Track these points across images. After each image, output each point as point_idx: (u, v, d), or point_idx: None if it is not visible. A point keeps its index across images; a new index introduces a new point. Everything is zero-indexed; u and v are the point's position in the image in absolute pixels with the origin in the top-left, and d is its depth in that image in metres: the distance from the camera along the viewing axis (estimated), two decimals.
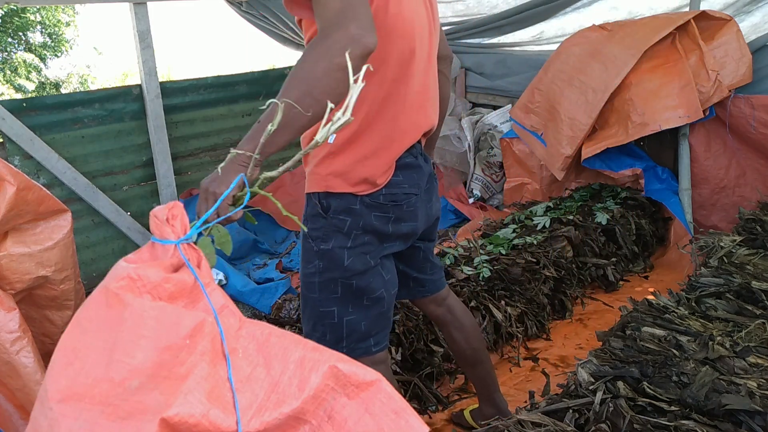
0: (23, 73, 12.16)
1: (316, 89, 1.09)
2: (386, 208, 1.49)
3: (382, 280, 1.55)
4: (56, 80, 12.70)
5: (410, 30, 1.41)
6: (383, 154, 1.45)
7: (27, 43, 12.41)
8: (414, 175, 1.52)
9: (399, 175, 1.49)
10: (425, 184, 1.59)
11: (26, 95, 11.71)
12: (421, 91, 1.48)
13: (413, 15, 1.41)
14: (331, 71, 1.08)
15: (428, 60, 1.51)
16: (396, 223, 1.52)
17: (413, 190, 1.53)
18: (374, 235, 1.50)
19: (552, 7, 3.93)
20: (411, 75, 1.44)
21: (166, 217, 0.88)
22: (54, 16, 12.73)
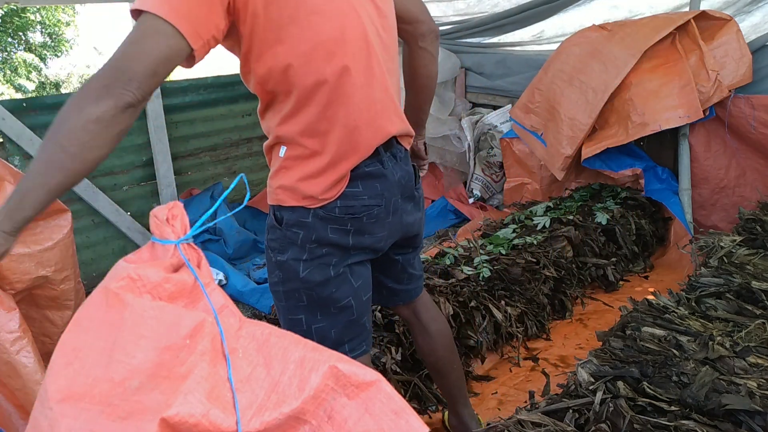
0: (23, 73, 12.16)
1: (70, 141, 1.03)
2: (343, 220, 1.40)
3: (350, 288, 1.47)
4: (56, 80, 12.71)
5: (334, 50, 1.29)
6: (330, 173, 1.37)
7: (27, 43, 12.41)
8: (377, 185, 1.42)
9: (358, 186, 1.40)
10: (396, 193, 1.47)
11: (26, 95, 11.71)
12: (367, 105, 1.36)
13: (337, 33, 1.29)
14: (85, 122, 1.03)
15: (372, 70, 1.37)
16: (357, 235, 1.43)
17: (375, 201, 1.42)
18: (333, 247, 1.42)
19: (553, 6, 3.93)
20: (349, 93, 1.33)
21: (166, 217, 0.88)
22: (54, 16, 12.74)
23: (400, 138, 1.50)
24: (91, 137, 1.03)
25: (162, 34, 1.07)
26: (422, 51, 1.60)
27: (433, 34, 1.60)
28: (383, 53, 1.40)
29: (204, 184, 4.29)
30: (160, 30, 1.06)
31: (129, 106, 1.05)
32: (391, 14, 1.45)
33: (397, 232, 1.54)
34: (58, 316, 1.81)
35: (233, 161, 4.43)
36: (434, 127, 4.47)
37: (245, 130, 4.43)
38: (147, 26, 1.07)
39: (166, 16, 1.06)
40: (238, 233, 4.00)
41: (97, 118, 1.03)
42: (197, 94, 4.10)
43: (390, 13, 1.45)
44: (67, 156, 1.03)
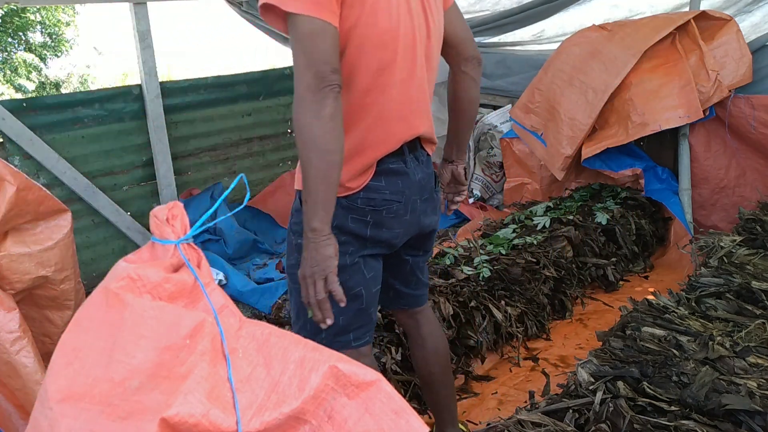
0: (23, 73, 12.15)
1: (328, 143, 1.25)
2: (364, 212, 1.48)
3: (362, 278, 1.53)
4: (56, 80, 12.70)
5: (387, 41, 1.38)
6: (355, 160, 1.45)
7: (27, 43, 12.40)
8: (398, 182, 1.50)
9: (381, 181, 1.48)
10: (416, 193, 1.54)
11: (26, 95, 11.70)
12: (402, 101, 1.45)
13: (393, 26, 1.38)
14: (326, 124, 1.25)
15: (414, 69, 1.46)
16: (375, 228, 1.50)
17: (395, 197, 1.50)
18: (352, 237, 1.49)
19: (554, 5, 3.93)
20: (389, 85, 1.42)
21: (166, 217, 0.88)
22: (54, 16, 12.72)
23: (424, 142, 1.58)
24: (336, 130, 1.27)
25: (320, 29, 1.27)
26: (464, 75, 1.67)
27: (476, 60, 1.68)
28: (425, 60, 1.49)
29: (204, 184, 4.29)
30: (316, 26, 1.26)
31: (339, 91, 1.28)
32: (438, 28, 1.53)
33: (412, 231, 1.60)
34: (58, 316, 1.81)
35: (233, 161, 4.43)
36: (434, 127, 4.47)
37: (245, 130, 4.42)
38: (307, 28, 1.26)
39: (317, 15, 1.27)
40: (238, 233, 4.00)
41: (331, 115, 1.25)
42: (197, 94, 4.10)
43: (438, 26, 1.53)
44: (332, 153, 1.26)
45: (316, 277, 1.29)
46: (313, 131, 1.25)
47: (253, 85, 4.35)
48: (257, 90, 4.38)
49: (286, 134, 4.68)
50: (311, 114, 1.25)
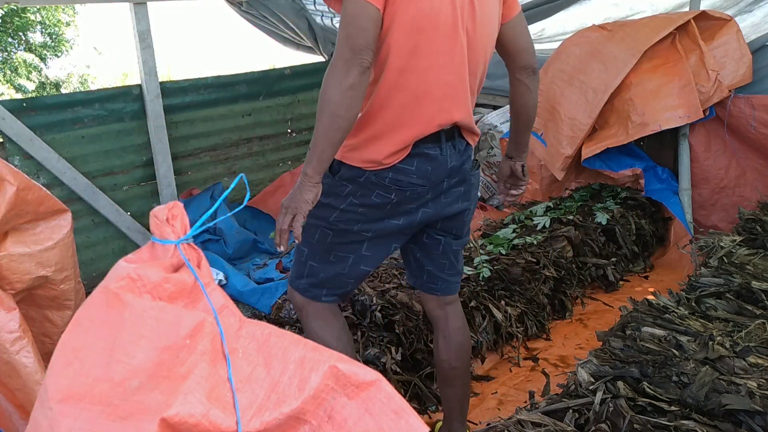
0: (23, 73, 12.15)
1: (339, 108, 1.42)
2: (390, 189, 1.60)
3: (358, 250, 1.68)
4: (56, 80, 12.70)
5: (424, 25, 1.47)
6: (390, 137, 1.56)
7: (27, 43, 12.40)
8: (428, 167, 1.60)
9: (412, 164, 1.59)
10: (444, 178, 1.65)
11: (26, 95, 11.70)
12: (438, 85, 1.54)
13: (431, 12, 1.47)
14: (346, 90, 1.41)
15: (452, 57, 1.54)
16: (395, 206, 1.63)
17: (421, 182, 1.61)
18: (368, 210, 1.63)
19: (554, 5, 3.93)
20: (425, 68, 1.51)
21: (166, 217, 0.88)
22: (54, 16, 12.72)
23: (464, 131, 1.67)
24: (351, 99, 1.42)
25: (362, 10, 1.41)
26: (518, 82, 1.77)
27: (530, 69, 1.75)
28: (468, 50, 1.57)
29: (204, 184, 4.29)
30: (360, 7, 1.41)
31: (366, 68, 1.42)
32: (488, 24, 1.61)
33: (435, 213, 1.69)
34: (58, 316, 1.81)
35: (233, 161, 4.43)
36: None
37: (245, 130, 4.42)
38: (352, 8, 1.42)
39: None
40: (238, 233, 3.99)
41: (351, 85, 1.41)
42: (197, 94, 4.10)
43: (488, 23, 1.60)
44: (340, 118, 1.43)
45: (289, 210, 1.48)
46: (332, 95, 1.42)
47: (253, 85, 4.35)
48: (257, 90, 4.38)
49: (286, 134, 4.67)
50: (336, 81, 1.42)
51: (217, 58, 12.92)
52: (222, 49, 13.50)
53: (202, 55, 13.50)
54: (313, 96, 4.82)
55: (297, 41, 4.92)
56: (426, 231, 1.77)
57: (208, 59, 13.03)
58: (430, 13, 1.47)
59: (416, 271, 1.85)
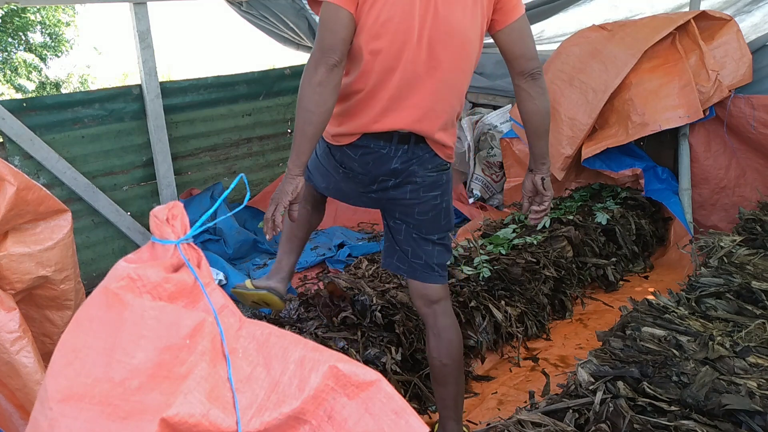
0: (23, 73, 12.15)
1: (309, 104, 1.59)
2: (339, 164, 1.85)
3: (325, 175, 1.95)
4: (56, 80, 12.70)
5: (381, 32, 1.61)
6: (343, 120, 1.76)
7: (27, 43, 12.40)
8: (369, 160, 1.78)
9: (356, 153, 1.79)
10: (383, 176, 1.80)
11: (26, 95, 11.70)
12: (391, 88, 1.67)
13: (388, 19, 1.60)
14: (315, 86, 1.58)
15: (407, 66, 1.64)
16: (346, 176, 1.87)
17: (361, 170, 1.81)
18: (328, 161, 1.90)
19: (554, 6, 3.93)
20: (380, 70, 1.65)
21: (166, 217, 0.88)
22: (54, 16, 12.72)
23: (428, 141, 1.76)
24: (319, 96, 1.58)
25: (335, 14, 1.57)
26: (518, 87, 1.79)
27: (528, 75, 1.76)
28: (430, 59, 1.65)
29: (204, 184, 4.29)
30: (333, 11, 1.57)
31: (334, 66, 1.58)
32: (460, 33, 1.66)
33: (380, 201, 1.89)
34: (58, 316, 1.81)
35: (233, 161, 4.43)
36: None
37: (245, 130, 4.42)
38: (325, 12, 1.58)
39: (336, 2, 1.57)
40: (238, 233, 4.00)
41: (319, 81, 1.57)
42: (197, 94, 4.10)
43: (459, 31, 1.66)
44: (311, 113, 1.59)
45: (273, 201, 1.64)
46: (303, 91, 1.60)
47: (253, 85, 4.35)
48: (257, 90, 4.38)
49: (286, 134, 4.67)
50: (307, 78, 1.59)
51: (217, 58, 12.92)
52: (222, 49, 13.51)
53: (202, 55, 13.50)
54: None
55: (297, 41, 4.92)
56: (389, 216, 1.93)
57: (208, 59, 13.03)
58: (385, 20, 1.59)
59: (390, 252, 1.96)
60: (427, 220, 1.87)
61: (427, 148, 1.77)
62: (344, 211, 4.45)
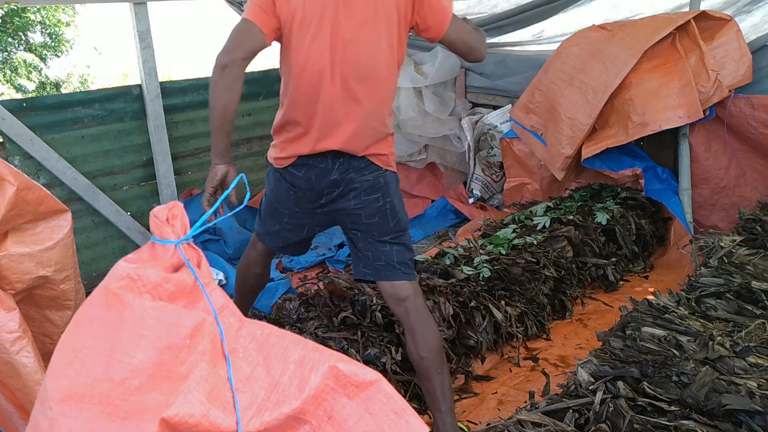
0: (23, 73, 12.15)
1: (211, 100, 1.87)
2: (290, 186, 2.05)
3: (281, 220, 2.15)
4: (56, 80, 12.69)
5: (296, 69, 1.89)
6: (282, 147, 2.02)
7: (27, 43, 12.39)
8: (311, 176, 1.99)
9: (300, 171, 2.00)
10: (328, 188, 1.99)
11: (26, 95, 11.70)
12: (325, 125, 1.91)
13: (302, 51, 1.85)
14: (212, 85, 1.84)
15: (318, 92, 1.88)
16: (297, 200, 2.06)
17: (306, 186, 2.01)
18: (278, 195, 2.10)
19: (553, 6, 3.93)
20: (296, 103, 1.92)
21: (166, 217, 0.88)
22: (54, 16, 12.72)
23: (367, 153, 1.96)
24: (215, 93, 1.85)
25: (247, 28, 1.82)
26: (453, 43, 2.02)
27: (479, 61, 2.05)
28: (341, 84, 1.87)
29: (204, 184, 4.28)
30: (246, 26, 1.83)
31: (224, 66, 1.81)
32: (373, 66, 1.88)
33: (328, 215, 2.08)
34: (58, 316, 1.81)
35: (233, 161, 4.42)
36: (434, 127, 4.47)
37: (245, 130, 4.42)
38: (241, 25, 1.83)
39: (252, 19, 1.82)
40: (238, 233, 3.99)
41: (215, 81, 1.83)
42: (197, 94, 4.10)
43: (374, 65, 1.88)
44: (212, 109, 1.87)
45: (206, 185, 2.02)
46: (209, 90, 1.87)
47: (253, 85, 4.34)
48: (257, 90, 4.38)
49: None
50: (212, 79, 1.84)
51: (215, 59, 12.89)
52: None
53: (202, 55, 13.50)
54: None
55: None
56: (345, 228, 2.10)
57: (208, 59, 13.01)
58: (305, 61, 1.85)
59: (356, 261, 2.10)
60: (376, 223, 2.01)
61: (361, 159, 1.97)
62: None
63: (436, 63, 4.48)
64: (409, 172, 4.81)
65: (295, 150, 1.98)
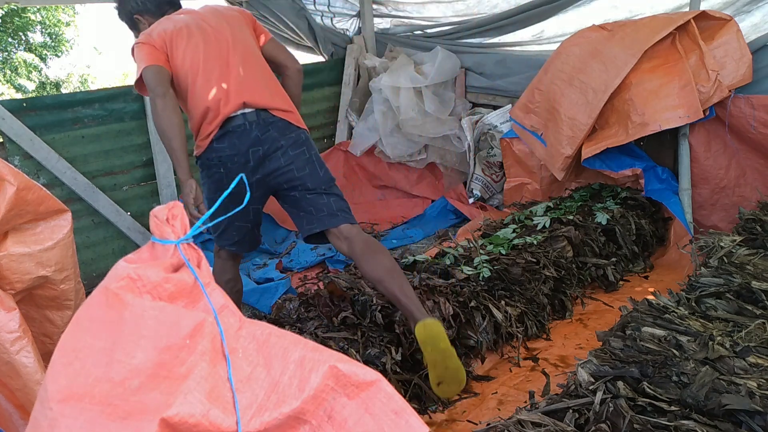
0: (23, 73, 12.16)
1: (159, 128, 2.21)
2: (217, 165, 2.31)
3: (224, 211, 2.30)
4: (56, 80, 12.70)
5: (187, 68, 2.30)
6: (203, 128, 2.30)
7: (27, 43, 12.40)
8: (236, 141, 2.26)
9: (223, 141, 2.27)
10: (250, 147, 2.26)
11: (26, 95, 11.70)
12: (207, 94, 2.26)
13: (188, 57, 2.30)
14: (160, 112, 2.18)
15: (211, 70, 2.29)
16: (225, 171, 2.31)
17: (231, 152, 2.27)
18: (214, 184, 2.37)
19: (553, 6, 3.93)
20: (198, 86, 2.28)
21: (166, 217, 0.88)
22: (54, 16, 12.72)
23: (270, 110, 2.30)
24: (163, 117, 2.17)
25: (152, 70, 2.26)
26: (286, 77, 2.56)
27: (292, 70, 2.58)
28: (229, 58, 2.33)
29: None
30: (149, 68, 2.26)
31: (164, 94, 2.20)
32: (236, 39, 2.39)
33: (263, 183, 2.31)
34: (58, 316, 1.81)
35: None
36: (434, 127, 4.47)
37: None
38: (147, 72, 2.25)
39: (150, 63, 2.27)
40: None
41: (161, 108, 2.18)
42: None
43: (235, 38, 2.38)
44: (162, 133, 2.19)
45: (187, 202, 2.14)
46: (155, 121, 2.20)
47: None
48: None
49: None
50: (153, 112, 2.20)
51: None
52: None
53: None
54: (313, 96, 4.82)
55: (297, 41, 4.92)
56: (281, 194, 2.36)
57: None
58: (187, 58, 2.28)
59: (300, 222, 2.36)
60: (308, 174, 2.30)
61: (273, 116, 2.29)
62: None
63: (436, 63, 4.48)
64: (409, 172, 4.81)
65: (209, 125, 2.26)
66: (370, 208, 4.66)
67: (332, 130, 5.03)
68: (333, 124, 5.03)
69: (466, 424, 2.22)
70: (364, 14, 4.96)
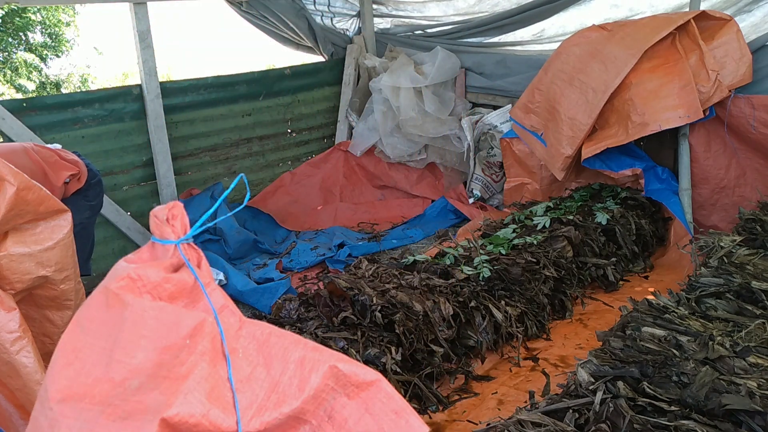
0: (24, 73, 12.14)
1: None
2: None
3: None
4: (56, 80, 12.68)
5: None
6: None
7: (27, 43, 12.39)
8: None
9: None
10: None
11: (26, 95, 11.69)
12: None
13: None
14: None
15: None
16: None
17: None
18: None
19: (554, 5, 3.93)
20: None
21: (166, 217, 0.88)
22: (54, 16, 12.71)
23: None
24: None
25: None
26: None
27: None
28: None
29: (204, 184, 4.29)
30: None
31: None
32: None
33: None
34: (58, 316, 1.81)
35: (233, 161, 4.43)
36: (434, 127, 4.47)
37: (245, 130, 4.42)
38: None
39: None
40: (238, 233, 3.99)
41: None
42: (197, 94, 4.10)
43: None
44: None
45: None
46: None
47: (253, 85, 4.35)
48: (257, 90, 4.38)
49: (286, 134, 4.68)
50: None
51: (217, 58, 12.92)
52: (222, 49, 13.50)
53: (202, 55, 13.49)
54: (313, 96, 4.82)
55: (297, 41, 4.92)
56: None
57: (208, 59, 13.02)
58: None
59: None
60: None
61: None
62: (344, 211, 4.45)
63: (436, 63, 4.48)
64: (409, 172, 4.81)
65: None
66: (370, 208, 4.66)
67: (332, 130, 5.04)
68: (333, 124, 5.04)
69: (466, 424, 2.22)
70: (364, 14, 4.96)
